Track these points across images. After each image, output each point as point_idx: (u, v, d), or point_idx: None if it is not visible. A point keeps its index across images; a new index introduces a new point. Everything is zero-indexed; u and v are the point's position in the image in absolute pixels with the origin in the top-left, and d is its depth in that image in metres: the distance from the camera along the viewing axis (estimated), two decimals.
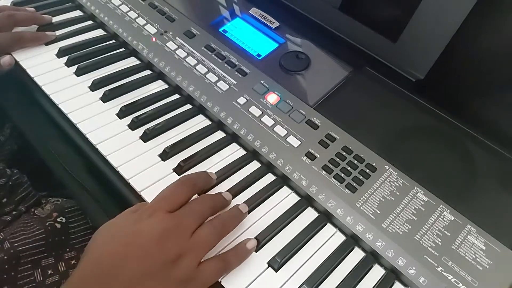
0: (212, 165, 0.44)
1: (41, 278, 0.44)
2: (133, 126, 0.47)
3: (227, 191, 0.41)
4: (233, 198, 0.42)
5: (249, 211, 0.41)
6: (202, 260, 0.34)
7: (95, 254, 0.32)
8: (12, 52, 0.53)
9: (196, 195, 0.39)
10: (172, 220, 0.34)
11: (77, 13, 0.62)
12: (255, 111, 0.47)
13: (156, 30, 0.56)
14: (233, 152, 0.46)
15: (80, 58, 0.54)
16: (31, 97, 0.51)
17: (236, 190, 0.42)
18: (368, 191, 0.40)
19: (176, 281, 0.31)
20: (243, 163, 0.45)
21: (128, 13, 0.58)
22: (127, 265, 0.30)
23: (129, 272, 0.30)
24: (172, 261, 0.31)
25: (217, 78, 0.50)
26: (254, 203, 0.41)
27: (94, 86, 0.51)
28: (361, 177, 0.41)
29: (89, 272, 0.31)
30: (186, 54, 0.53)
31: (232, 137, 0.47)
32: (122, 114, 0.48)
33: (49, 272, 0.45)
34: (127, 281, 0.30)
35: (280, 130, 0.45)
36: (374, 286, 0.37)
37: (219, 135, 0.48)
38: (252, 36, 0.55)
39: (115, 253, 0.31)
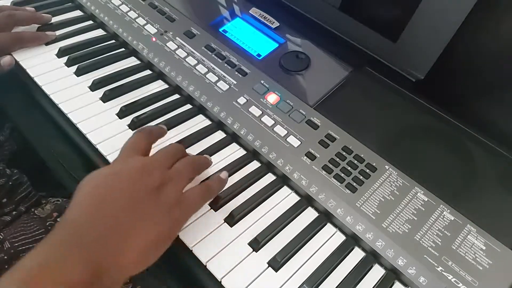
0: (212, 165, 0.44)
1: None
2: (133, 126, 0.47)
3: (225, 189, 0.42)
4: (233, 198, 0.42)
5: (249, 211, 0.41)
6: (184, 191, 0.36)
7: (82, 197, 0.33)
8: (12, 52, 0.53)
9: None
10: (147, 158, 0.37)
11: (77, 13, 0.62)
12: (255, 111, 0.47)
13: (156, 30, 0.56)
14: (233, 152, 0.46)
15: (80, 58, 0.54)
16: (31, 97, 0.51)
17: (236, 190, 0.42)
18: (368, 191, 0.40)
19: (165, 204, 0.34)
20: (243, 163, 0.45)
21: (128, 13, 0.58)
22: (116, 197, 0.32)
23: (119, 203, 0.32)
24: (156, 188, 0.34)
25: (217, 78, 0.50)
26: (254, 203, 0.41)
27: (94, 86, 0.51)
28: (361, 177, 0.41)
29: (80, 212, 0.32)
30: (186, 54, 0.53)
31: (232, 137, 0.47)
32: (122, 114, 0.48)
33: None
34: (120, 210, 0.32)
35: (280, 130, 0.45)
36: (374, 286, 0.37)
37: (219, 135, 0.48)
38: (252, 36, 0.55)
39: (101, 192, 0.33)
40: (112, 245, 0.30)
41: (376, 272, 0.38)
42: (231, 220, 0.40)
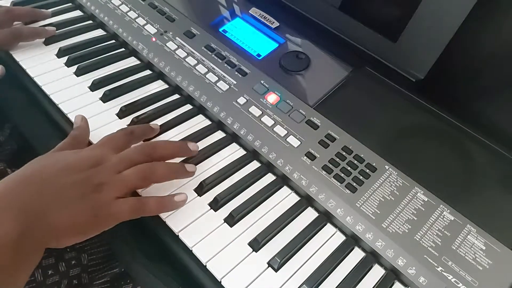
0: (212, 165, 0.44)
1: (41, 278, 0.44)
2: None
3: (225, 189, 0.42)
4: (233, 198, 0.42)
5: (249, 211, 0.41)
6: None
7: (22, 168, 0.35)
8: (12, 52, 0.53)
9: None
10: (106, 155, 0.38)
11: (77, 13, 0.62)
12: (255, 111, 0.47)
13: (156, 30, 0.56)
14: (233, 152, 0.46)
15: (80, 58, 0.54)
16: (31, 97, 0.51)
17: (236, 190, 0.42)
18: (368, 191, 0.40)
19: (92, 203, 0.34)
20: (243, 163, 0.45)
21: (128, 13, 0.58)
22: (60, 176, 0.34)
23: (60, 181, 0.34)
24: (94, 186, 0.35)
25: (217, 78, 0.50)
26: (254, 203, 0.41)
27: (94, 86, 0.51)
28: (361, 177, 0.41)
29: (13, 179, 0.34)
30: (186, 54, 0.53)
31: (232, 137, 0.47)
32: (122, 114, 0.48)
33: (50, 272, 0.45)
34: (57, 188, 0.34)
35: (280, 130, 0.45)
36: (374, 286, 0.37)
37: (219, 135, 0.48)
38: (252, 36, 0.55)
39: (52, 166, 0.35)
40: (36, 210, 0.32)
41: (376, 272, 0.38)
42: (231, 220, 0.40)
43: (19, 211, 0.31)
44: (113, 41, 0.58)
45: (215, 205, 0.41)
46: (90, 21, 0.61)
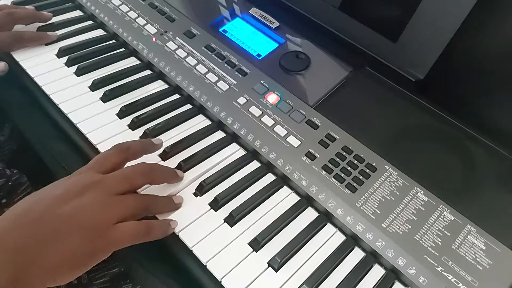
0: (212, 165, 0.44)
1: None
2: (133, 126, 0.47)
3: (225, 189, 0.42)
4: (233, 198, 0.42)
5: (249, 211, 0.41)
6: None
7: (10, 210, 0.32)
8: (12, 52, 0.53)
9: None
10: (98, 177, 0.35)
11: (77, 13, 0.62)
12: (255, 111, 0.47)
13: (156, 30, 0.56)
14: (233, 152, 0.46)
15: (80, 58, 0.54)
16: (31, 97, 0.51)
17: (236, 190, 0.42)
18: (368, 191, 0.40)
19: (87, 233, 0.32)
20: (243, 163, 0.45)
21: (128, 13, 0.58)
22: (49, 212, 0.32)
23: (50, 216, 0.32)
24: (89, 213, 0.32)
25: (217, 78, 0.50)
26: (254, 203, 0.41)
27: (94, 86, 0.51)
28: (361, 177, 0.41)
29: (3, 220, 0.31)
30: (186, 54, 0.53)
31: (232, 137, 0.47)
32: (122, 114, 0.48)
33: None
34: (49, 224, 0.31)
35: (280, 130, 0.45)
36: (374, 286, 0.37)
37: (219, 135, 0.48)
38: (252, 36, 0.55)
39: (40, 202, 0.33)
40: (29, 251, 0.30)
41: (376, 272, 0.38)
42: (231, 220, 0.40)
43: (11, 256, 0.29)
44: (113, 41, 0.58)
45: (215, 205, 0.41)
46: (90, 21, 0.61)
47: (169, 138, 0.46)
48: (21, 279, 0.29)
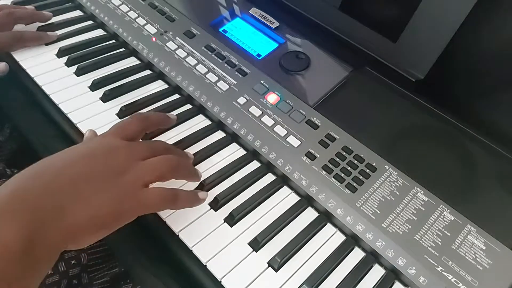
0: (212, 165, 0.44)
1: None
2: None
3: (225, 189, 0.42)
4: (233, 198, 0.42)
5: (249, 211, 0.41)
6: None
7: (34, 166, 0.31)
8: (12, 52, 0.53)
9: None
10: (123, 142, 0.35)
11: (77, 13, 0.62)
12: (255, 111, 0.47)
13: (156, 30, 0.56)
14: (233, 152, 0.46)
15: (80, 58, 0.54)
16: (31, 97, 0.51)
17: (236, 190, 0.42)
18: (368, 191, 0.40)
19: (115, 191, 0.31)
20: (243, 163, 0.45)
21: (128, 13, 0.58)
22: (74, 167, 0.31)
23: (68, 172, 0.31)
24: (115, 173, 0.32)
25: (217, 78, 0.50)
26: (254, 203, 0.41)
27: (94, 86, 0.51)
28: (361, 177, 0.41)
29: (24, 176, 0.30)
30: (186, 54, 0.53)
31: (232, 137, 0.47)
32: (122, 114, 0.48)
33: (49, 272, 0.45)
34: (67, 179, 0.30)
35: (280, 130, 0.45)
36: (374, 286, 0.37)
37: (219, 135, 0.48)
38: (252, 36, 0.55)
39: (63, 159, 0.32)
40: (51, 207, 0.29)
41: (376, 272, 0.38)
42: (231, 220, 0.40)
43: (31, 214, 0.28)
44: (113, 41, 0.58)
45: (215, 205, 0.41)
46: (90, 21, 0.61)
47: (169, 138, 0.46)
48: (40, 238, 0.27)
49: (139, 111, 0.43)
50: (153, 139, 0.44)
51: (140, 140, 0.40)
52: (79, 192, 0.30)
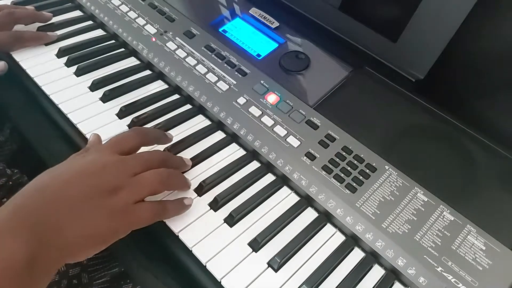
0: (212, 165, 0.44)
1: None
2: (133, 126, 0.47)
3: (225, 189, 0.42)
4: (233, 199, 0.42)
5: (249, 211, 0.41)
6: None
7: (31, 184, 0.33)
8: (12, 52, 0.53)
9: None
10: (117, 157, 0.36)
11: (77, 13, 0.62)
12: (255, 111, 0.47)
13: (156, 30, 0.56)
14: (233, 152, 0.46)
15: (80, 58, 0.54)
16: (31, 97, 0.51)
17: (236, 190, 0.42)
18: (368, 191, 0.40)
19: (109, 209, 0.33)
20: (243, 163, 0.45)
21: (128, 13, 0.58)
22: (71, 187, 0.32)
23: (64, 192, 0.32)
24: (109, 191, 0.33)
25: (217, 78, 0.50)
26: (254, 203, 0.41)
27: (94, 86, 0.51)
28: (361, 177, 0.41)
29: (23, 196, 0.32)
30: (186, 54, 0.53)
31: (232, 137, 0.47)
32: (122, 114, 0.48)
33: None
34: (61, 199, 0.32)
35: (280, 130, 0.45)
36: (374, 286, 0.37)
37: (219, 135, 0.48)
38: (252, 36, 0.55)
39: (50, 181, 0.33)
40: (50, 225, 0.30)
41: (376, 273, 0.38)
42: (231, 220, 0.40)
43: (32, 232, 0.29)
44: (113, 41, 0.58)
45: (215, 205, 0.41)
46: (90, 21, 0.61)
47: None
48: (41, 254, 0.29)
49: (138, 127, 0.43)
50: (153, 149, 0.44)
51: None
52: (76, 212, 0.32)
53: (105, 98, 0.50)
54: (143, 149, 0.40)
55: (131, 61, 0.56)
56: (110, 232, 0.33)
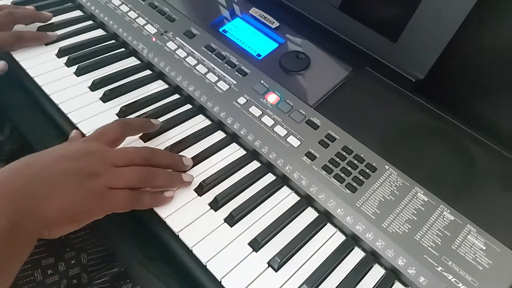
0: (212, 165, 0.44)
1: (41, 278, 0.44)
2: None
3: (225, 189, 0.42)
4: (233, 198, 0.42)
5: (249, 211, 0.41)
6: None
7: (23, 161, 0.35)
8: (12, 52, 0.53)
9: None
10: (101, 147, 0.38)
11: (77, 13, 0.62)
12: (255, 111, 0.47)
13: (156, 30, 0.56)
14: (233, 152, 0.46)
15: (80, 58, 0.54)
16: (31, 97, 0.51)
17: (236, 190, 0.42)
18: (368, 191, 0.40)
19: (86, 190, 0.34)
20: (243, 163, 0.45)
21: (128, 13, 0.58)
22: (54, 167, 0.34)
23: (54, 170, 0.34)
24: (88, 175, 0.35)
25: (217, 78, 0.50)
26: (254, 203, 0.41)
27: (94, 86, 0.51)
28: (361, 177, 0.41)
29: (7, 170, 0.34)
30: (186, 54, 0.53)
31: (232, 137, 0.47)
32: (122, 114, 0.48)
33: (49, 272, 0.45)
34: (52, 177, 0.34)
35: (280, 130, 0.45)
36: (374, 286, 0.37)
37: (219, 135, 0.48)
38: (252, 36, 0.55)
39: (46, 158, 0.35)
40: (30, 196, 0.32)
41: (376, 272, 0.38)
42: (231, 220, 0.40)
43: (11, 202, 0.31)
44: (113, 41, 0.58)
45: (215, 205, 0.41)
46: (90, 21, 0.61)
47: (169, 138, 0.46)
48: (18, 224, 0.31)
49: (121, 118, 0.44)
50: (143, 146, 0.44)
51: (122, 146, 0.42)
52: (55, 190, 0.33)
53: (105, 98, 0.50)
54: (140, 144, 0.41)
55: (131, 61, 0.56)
56: (85, 211, 0.35)
